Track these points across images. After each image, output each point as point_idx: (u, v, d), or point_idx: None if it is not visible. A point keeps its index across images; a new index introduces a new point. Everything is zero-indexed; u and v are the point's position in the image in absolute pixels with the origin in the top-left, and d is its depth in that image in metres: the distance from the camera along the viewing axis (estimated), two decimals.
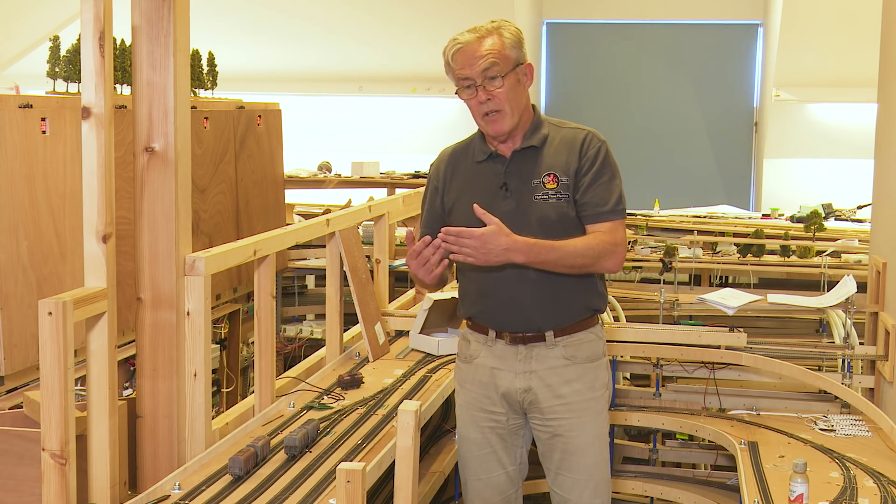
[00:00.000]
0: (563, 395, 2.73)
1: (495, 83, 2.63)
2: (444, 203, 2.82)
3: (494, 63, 2.62)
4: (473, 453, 2.84)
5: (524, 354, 2.73)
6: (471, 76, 2.63)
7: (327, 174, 7.13)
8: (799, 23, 8.07)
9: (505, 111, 2.65)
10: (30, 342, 3.36)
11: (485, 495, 2.84)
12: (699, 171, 9.43)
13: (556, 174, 2.68)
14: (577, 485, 2.77)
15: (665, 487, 3.90)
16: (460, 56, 2.64)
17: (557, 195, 2.67)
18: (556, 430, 2.75)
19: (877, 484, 2.93)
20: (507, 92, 2.64)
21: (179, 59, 2.62)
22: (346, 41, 8.88)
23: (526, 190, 2.69)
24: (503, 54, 2.64)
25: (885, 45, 4.31)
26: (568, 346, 2.73)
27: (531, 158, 2.71)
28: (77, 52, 3.76)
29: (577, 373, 2.74)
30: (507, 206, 2.68)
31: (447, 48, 2.68)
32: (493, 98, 2.63)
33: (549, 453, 2.79)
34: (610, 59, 9.62)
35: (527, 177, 2.70)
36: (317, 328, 5.77)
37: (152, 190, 2.64)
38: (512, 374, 2.74)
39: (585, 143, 2.70)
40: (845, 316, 4.03)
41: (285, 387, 3.28)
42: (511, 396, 2.76)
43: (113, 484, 2.47)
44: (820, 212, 6.16)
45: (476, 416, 2.81)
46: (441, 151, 2.89)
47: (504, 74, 2.63)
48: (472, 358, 2.82)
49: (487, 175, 2.74)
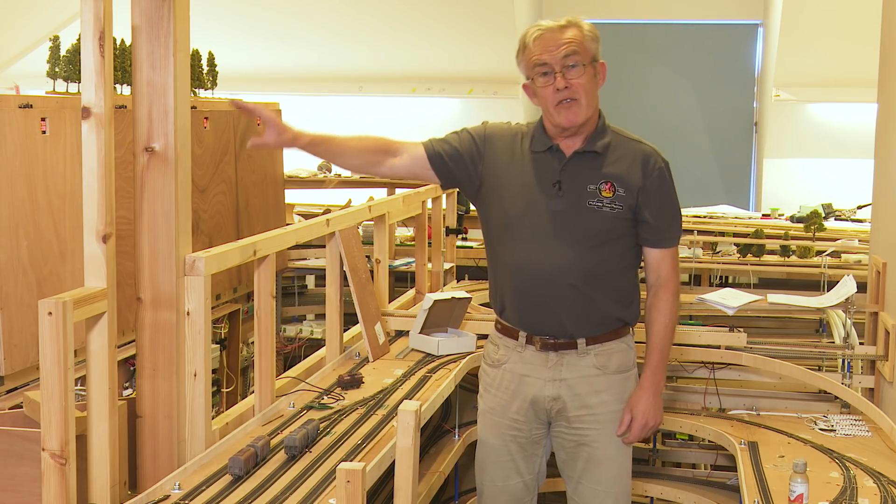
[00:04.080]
0: (591, 405, 2.71)
1: (575, 71, 2.60)
2: (481, 174, 2.73)
3: (575, 51, 2.60)
4: (492, 459, 2.82)
5: (554, 362, 2.71)
6: (550, 62, 2.60)
7: (327, 174, 7.13)
8: (799, 23, 8.07)
9: (581, 102, 2.62)
10: (30, 342, 3.36)
11: (500, 501, 2.83)
12: (699, 171, 9.43)
13: (614, 184, 2.64)
14: (597, 495, 2.75)
15: (665, 487, 3.90)
16: (541, 41, 2.61)
17: (612, 205, 2.64)
18: (582, 439, 2.73)
19: (877, 484, 2.93)
20: (586, 83, 2.62)
21: (179, 59, 2.62)
22: (346, 41, 8.87)
23: (580, 194, 2.65)
24: (584, 45, 2.62)
25: (885, 45, 4.31)
26: (599, 356, 2.71)
27: (590, 162, 2.67)
28: (77, 52, 3.76)
29: (607, 384, 2.73)
30: (557, 205, 2.65)
31: (527, 32, 2.65)
32: (571, 86, 2.60)
33: (573, 462, 2.77)
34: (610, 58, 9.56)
35: (583, 180, 2.65)
36: (317, 328, 5.77)
37: (152, 190, 2.64)
38: (542, 382, 2.72)
39: (652, 161, 2.68)
40: (845, 316, 4.03)
41: (285, 387, 3.28)
42: (539, 404, 2.74)
43: (113, 484, 2.46)
44: (820, 212, 6.15)
45: (498, 422, 2.80)
46: (502, 123, 2.81)
47: (584, 64, 2.61)
48: (499, 363, 2.79)
49: (541, 168, 2.68)
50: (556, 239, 2.65)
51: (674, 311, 2.73)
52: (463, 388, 3.77)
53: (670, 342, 2.76)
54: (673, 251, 2.75)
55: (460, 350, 3.65)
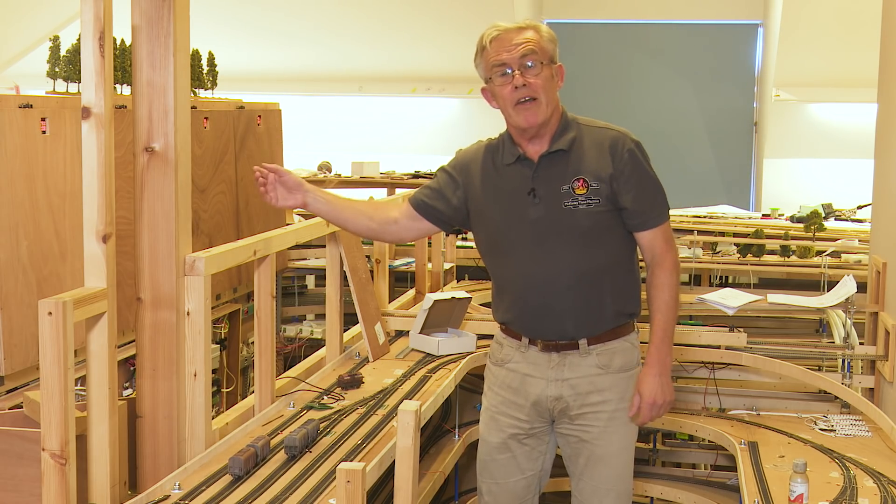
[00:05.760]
0: (593, 403, 2.71)
1: (532, 70, 2.60)
2: (465, 202, 2.76)
3: (533, 51, 2.61)
4: (493, 457, 2.82)
5: (557, 362, 2.71)
6: (508, 62, 2.60)
7: (327, 174, 7.13)
8: (799, 23, 8.08)
9: (540, 100, 2.61)
10: (30, 342, 3.36)
11: (500, 500, 2.83)
12: (699, 171, 9.43)
13: (585, 179, 2.63)
14: (597, 493, 2.75)
15: (665, 487, 3.90)
16: (498, 42, 2.62)
17: (588, 201, 2.63)
18: (584, 437, 2.73)
19: (877, 484, 2.93)
20: (544, 82, 2.62)
21: (179, 59, 2.62)
22: (346, 41, 8.88)
23: (555, 196, 2.64)
24: (541, 45, 2.63)
25: (885, 45, 4.31)
26: (602, 355, 2.71)
27: (560, 162, 2.65)
28: (77, 52, 3.76)
29: (610, 382, 2.72)
30: (536, 212, 2.64)
31: (484, 34, 2.66)
32: (529, 85, 2.60)
33: (575, 458, 2.78)
34: (610, 58, 9.62)
35: (555, 182, 2.64)
36: (317, 328, 5.77)
37: (152, 190, 2.64)
38: (544, 382, 2.73)
39: (620, 144, 2.66)
40: (845, 316, 4.03)
41: (285, 387, 3.28)
42: (542, 404, 2.74)
43: (113, 484, 2.47)
44: (820, 212, 6.15)
45: (500, 420, 2.80)
46: (473, 146, 2.83)
47: (542, 63, 2.61)
48: (503, 362, 2.80)
49: (515, 179, 2.68)
50: (543, 246, 2.65)
51: (673, 287, 2.68)
52: (463, 388, 3.77)
53: (673, 318, 2.69)
54: (663, 229, 2.70)
55: (460, 350, 3.65)
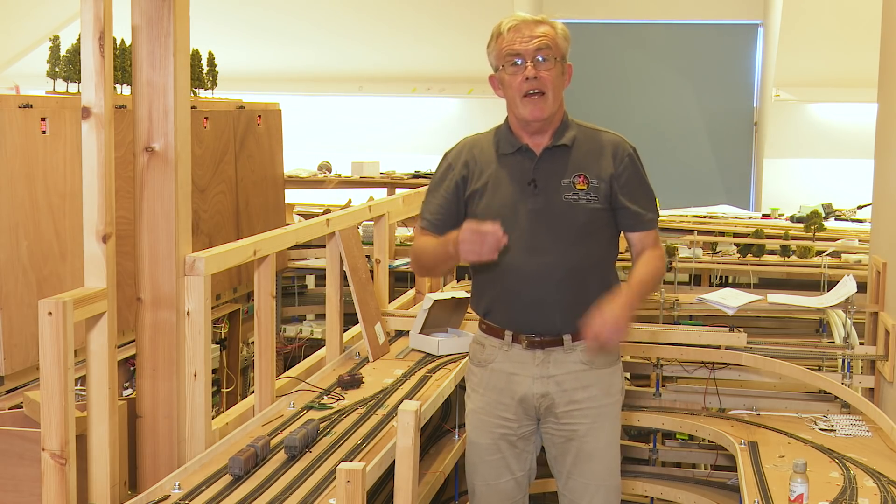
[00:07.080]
0: (579, 400, 2.72)
1: (544, 65, 2.63)
2: (464, 193, 2.75)
3: (547, 46, 2.63)
4: (483, 458, 2.82)
5: (542, 359, 2.72)
6: (522, 52, 2.62)
7: (327, 174, 7.13)
8: (799, 23, 8.07)
9: (548, 95, 2.63)
10: (30, 342, 3.36)
11: (492, 501, 2.83)
12: (699, 171, 9.42)
13: (586, 176, 2.67)
14: (588, 489, 2.75)
15: (665, 487, 3.90)
16: (514, 31, 2.64)
17: (587, 197, 2.67)
18: (571, 434, 2.73)
19: (877, 484, 2.93)
20: (554, 78, 2.64)
21: (179, 59, 2.62)
22: (346, 41, 8.88)
23: (554, 189, 2.67)
24: (555, 42, 2.65)
25: (885, 45, 4.31)
26: (586, 351, 2.72)
27: (561, 157, 2.69)
28: (77, 52, 3.76)
29: (594, 378, 2.73)
30: (535, 203, 2.66)
31: (503, 22, 2.67)
32: (540, 78, 2.62)
33: (562, 456, 2.77)
34: (610, 58, 9.61)
35: (556, 176, 2.68)
36: (317, 328, 5.77)
37: (152, 190, 2.64)
38: (530, 380, 2.73)
39: (620, 149, 2.72)
40: (845, 316, 4.03)
41: (285, 387, 3.28)
42: (528, 402, 2.74)
43: (113, 484, 2.47)
44: (820, 212, 6.16)
45: (488, 421, 2.79)
46: (462, 140, 2.84)
47: (554, 59, 2.63)
48: (486, 362, 2.79)
49: (514, 169, 2.70)
50: (539, 237, 2.67)
51: (659, 268, 2.72)
52: (463, 388, 3.76)
53: (651, 283, 2.71)
54: (654, 234, 2.77)
55: (460, 350, 3.65)
